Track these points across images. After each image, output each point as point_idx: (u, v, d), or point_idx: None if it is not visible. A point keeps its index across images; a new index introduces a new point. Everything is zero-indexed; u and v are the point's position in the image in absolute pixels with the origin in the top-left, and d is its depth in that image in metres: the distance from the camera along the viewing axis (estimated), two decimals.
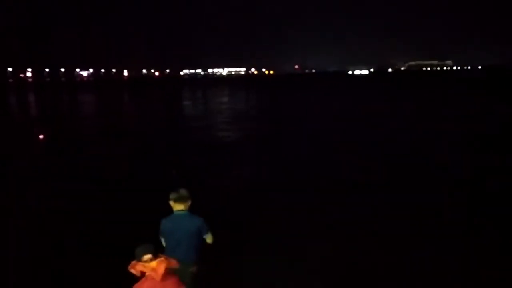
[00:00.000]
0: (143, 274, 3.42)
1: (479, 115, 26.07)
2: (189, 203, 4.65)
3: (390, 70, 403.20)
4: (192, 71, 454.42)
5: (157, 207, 5.54)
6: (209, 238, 4.65)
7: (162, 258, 3.44)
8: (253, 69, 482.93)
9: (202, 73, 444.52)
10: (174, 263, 3.52)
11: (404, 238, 7.45)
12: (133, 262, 3.41)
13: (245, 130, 22.79)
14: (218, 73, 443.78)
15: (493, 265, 6.39)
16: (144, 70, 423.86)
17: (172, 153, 16.21)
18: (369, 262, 6.59)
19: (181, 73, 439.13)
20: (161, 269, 3.30)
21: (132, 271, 3.34)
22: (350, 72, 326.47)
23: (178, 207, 4.60)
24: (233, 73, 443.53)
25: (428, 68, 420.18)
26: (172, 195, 4.61)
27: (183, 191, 4.62)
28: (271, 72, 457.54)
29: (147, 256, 3.40)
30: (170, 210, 4.67)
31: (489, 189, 10.40)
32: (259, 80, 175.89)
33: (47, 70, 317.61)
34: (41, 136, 20.23)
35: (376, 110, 31.37)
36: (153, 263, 3.33)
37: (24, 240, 7.71)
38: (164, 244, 4.58)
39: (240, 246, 7.08)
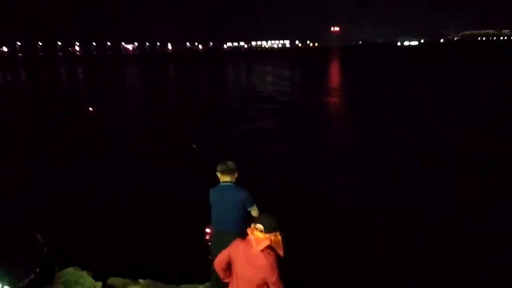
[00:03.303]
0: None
1: None
2: (236, 175, 4.59)
3: (442, 40, 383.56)
4: (236, 44, 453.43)
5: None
6: (254, 211, 4.57)
7: (274, 239, 3.24)
8: (297, 42, 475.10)
9: (245, 46, 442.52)
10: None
11: None
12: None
13: None
14: (262, 46, 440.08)
15: None
16: (187, 44, 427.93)
17: None
18: None
19: (224, 46, 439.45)
20: (260, 244, 3.21)
21: (250, 230, 3.29)
22: (398, 44, 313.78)
23: (224, 178, 4.56)
24: (277, 45, 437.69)
25: (484, 38, 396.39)
26: (219, 167, 4.56)
27: (230, 163, 4.57)
28: (316, 44, 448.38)
29: (260, 226, 3.31)
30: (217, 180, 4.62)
31: None
32: (313, 53, 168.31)
33: (94, 44, 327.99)
34: (90, 109, 20.99)
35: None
36: (261, 236, 3.24)
37: None
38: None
39: None
